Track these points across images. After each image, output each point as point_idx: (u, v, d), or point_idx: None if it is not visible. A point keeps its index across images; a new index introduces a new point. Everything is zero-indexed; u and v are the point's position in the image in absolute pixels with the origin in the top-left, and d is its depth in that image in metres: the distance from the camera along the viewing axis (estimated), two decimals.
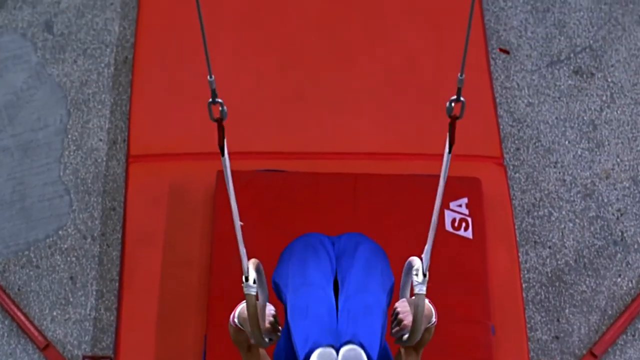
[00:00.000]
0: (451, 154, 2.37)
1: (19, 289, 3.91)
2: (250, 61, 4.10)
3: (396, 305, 2.72)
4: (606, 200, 4.10)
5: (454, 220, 3.67)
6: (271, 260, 2.92)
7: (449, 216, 3.67)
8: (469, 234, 3.65)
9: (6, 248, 3.97)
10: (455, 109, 2.26)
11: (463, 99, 2.24)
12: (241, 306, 2.69)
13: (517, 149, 4.20)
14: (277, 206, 3.68)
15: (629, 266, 3.99)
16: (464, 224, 3.67)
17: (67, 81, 4.29)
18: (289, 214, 3.65)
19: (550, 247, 4.01)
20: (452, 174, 3.66)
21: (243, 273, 2.58)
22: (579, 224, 4.06)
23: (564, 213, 4.07)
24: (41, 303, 3.88)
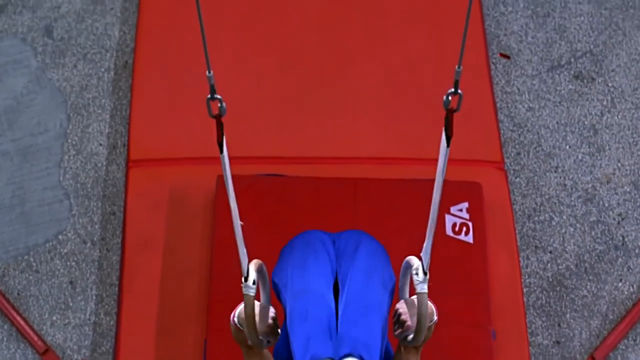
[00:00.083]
0: (449, 148, 2.35)
1: (18, 294, 3.90)
2: (250, 65, 4.10)
3: (397, 307, 2.71)
4: (607, 205, 4.10)
5: (454, 225, 3.67)
6: (271, 265, 2.92)
7: (449, 221, 3.67)
8: (469, 238, 3.65)
9: (6, 253, 3.96)
10: (452, 101, 2.25)
11: (460, 92, 2.23)
12: (242, 306, 2.68)
13: (517, 153, 4.19)
14: (277, 210, 3.67)
15: (630, 271, 3.98)
16: (464, 229, 3.66)
17: (67, 86, 4.28)
18: (289, 218, 3.64)
19: (551, 252, 4.00)
20: (452, 179, 3.70)
21: (242, 273, 2.57)
22: (579, 228, 4.05)
23: (564, 218, 4.07)
24: (41, 308, 3.87)
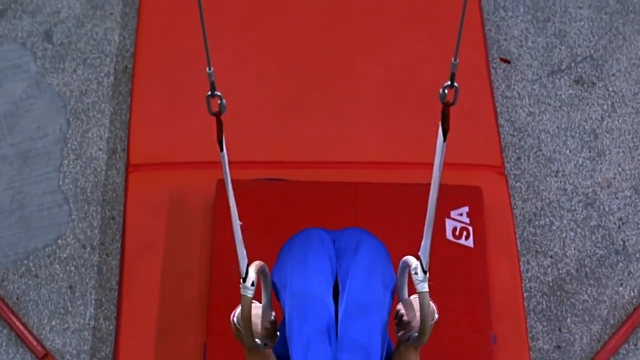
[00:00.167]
0: (446, 143, 2.34)
1: (17, 298, 3.89)
2: (250, 69, 4.10)
3: (398, 308, 2.70)
4: (607, 209, 4.09)
5: (454, 229, 3.66)
6: (271, 267, 2.90)
7: (449, 225, 3.66)
8: (470, 242, 3.64)
9: (5, 257, 3.95)
10: (448, 95, 2.24)
11: (457, 85, 2.22)
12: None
13: (518, 158, 4.19)
14: (277, 215, 3.67)
15: (630, 275, 3.98)
16: (464, 233, 3.65)
17: (67, 90, 4.28)
18: (289, 222, 3.63)
19: (551, 257, 3.99)
20: (452, 183, 3.70)
21: (240, 274, 2.55)
22: (580, 233, 4.04)
23: (565, 222, 4.06)
24: (40, 312, 3.87)
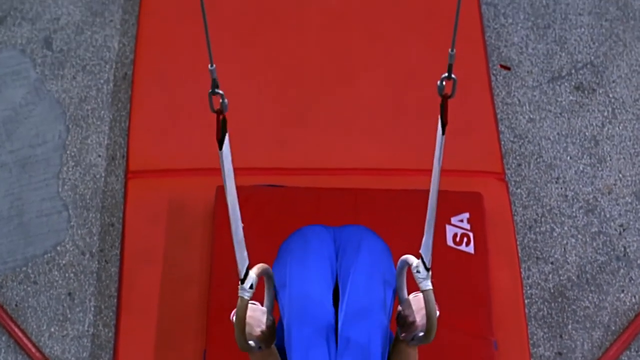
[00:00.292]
0: (445, 137, 2.32)
1: (16, 305, 3.88)
2: (251, 77, 4.09)
3: (400, 309, 2.69)
4: (608, 216, 4.08)
5: (455, 235, 3.65)
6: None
7: (450, 231, 3.65)
8: (470, 249, 3.63)
9: (4, 264, 3.94)
10: (446, 87, 2.23)
11: (454, 76, 2.20)
12: None
13: (518, 164, 4.18)
14: (277, 221, 3.65)
15: (632, 282, 3.97)
16: (465, 239, 3.65)
17: (66, 97, 4.28)
18: (290, 229, 3.59)
19: (552, 263, 3.98)
20: (453, 189, 3.69)
21: (239, 275, 2.53)
22: (581, 239, 4.04)
23: (566, 229, 4.05)
24: (39, 319, 3.85)
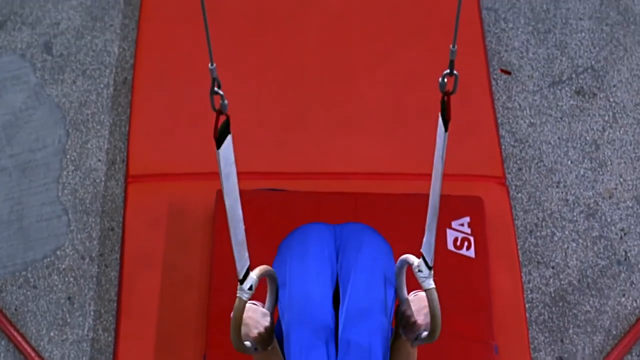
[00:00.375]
0: (447, 133, 2.31)
1: (15, 309, 3.88)
2: (251, 81, 4.09)
3: (403, 310, 2.68)
4: (609, 220, 4.08)
5: (456, 239, 3.64)
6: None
7: (451, 235, 3.65)
8: (471, 253, 3.63)
9: (3, 268, 3.94)
10: (448, 83, 2.22)
11: (456, 72, 2.20)
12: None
13: (519, 169, 4.18)
14: (278, 225, 3.64)
15: (633, 286, 3.96)
16: (466, 243, 3.64)
17: (66, 102, 4.27)
18: None
19: (553, 267, 3.98)
20: (454, 193, 3.69)
21: (237, 275, 2.52)
22: (582, 243, 4.03)
23: (567, 233, 4.05)
24: (38, 323, 3.85)
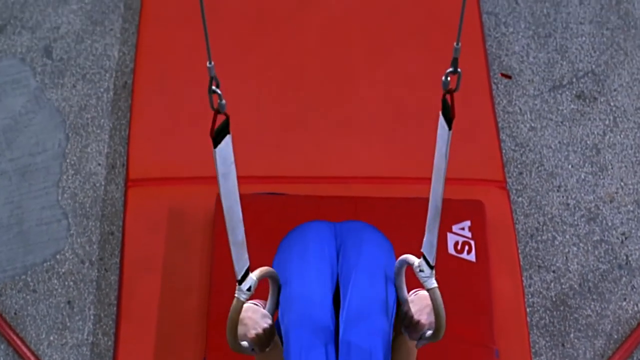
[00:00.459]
0: (451, 132, 2.30)
1: (15, 313, 3.87)
2: (251, 85, 4.09)
3: (405, 311, 2.67)
4: (610, 224, 4.07)
5: (456, 243, 3.64)
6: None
7: (451, 239, 3.64)
8: (472, 257, 3.62)
9: (3, 272, 3.93)
10: (451, 82, 2.21)
11: (460, 70, 2.19)
12: (246, 305, 2.63)
13: (519, 173, 4.17)
14: (277, 229, 3.63)
15: (634, 290, 3.96)
16: (466, 247, 3.63)
17: (66, 106, 4.27)
18: None
19: (554, 271, 3.97)
20: (454, 197, 3.68)
21: (236, 276, 2.51)
22: (583, 247, 4.02)
23: (567, 237, 4.04)
24: (38, 327, 3.84)
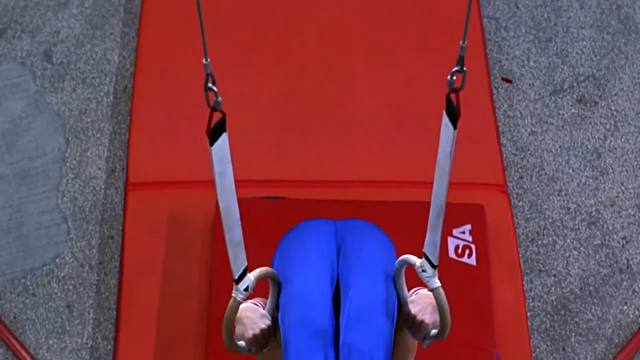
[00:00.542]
0: (457, 131, 2.30)
1: (14, 317, 3.86)
2: (251, 90, 4.09)
3: (407, 311, 2.66)
4: (611, 228, 4.07)
5: (457, 247, 3.63)
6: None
7: (452, 243, 3.63)
8: (472, 261, 3.62)
9: (2, 276, 3.93)
10: (456, 81, 2.21)
11: (465, 69, 2.19)
12: (242, 305, 2.63)
13: (520, 177, 4.17)
14: (277, 233, 3.62)
15: (635, 294, 3.95)
16: (467, 251, 3.63)
17: (66, 110, 4.27)
18: None
19: (555, 276, 3.97)
20: (455, 201, 3.68)
21: (233, 275, 2.51)
22: (583, 252, 4.02)
23: (568, 241, 4.04)
24: (37, 331, 3.83)
